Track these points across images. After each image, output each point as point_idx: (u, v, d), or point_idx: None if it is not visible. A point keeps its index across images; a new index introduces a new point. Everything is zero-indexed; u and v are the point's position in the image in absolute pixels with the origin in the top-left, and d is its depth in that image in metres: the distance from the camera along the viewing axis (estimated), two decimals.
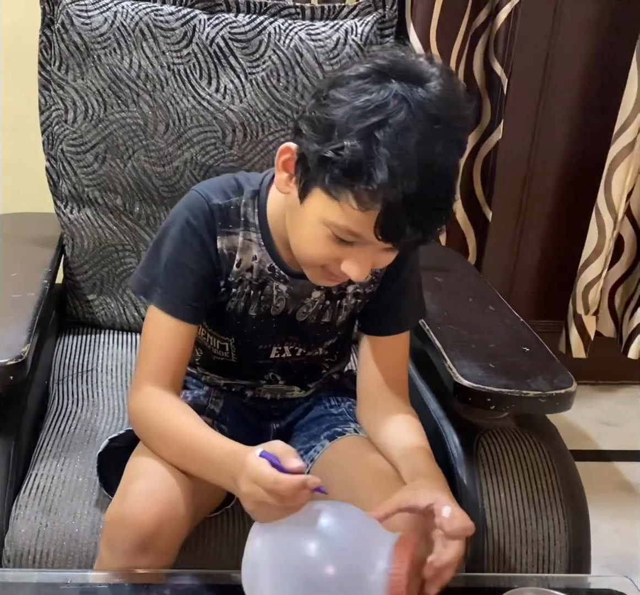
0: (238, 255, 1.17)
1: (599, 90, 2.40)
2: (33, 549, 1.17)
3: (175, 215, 1.16)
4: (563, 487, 1.28)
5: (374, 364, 1.24)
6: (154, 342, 1.16)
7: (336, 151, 0.96)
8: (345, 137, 0.95)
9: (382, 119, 0.94)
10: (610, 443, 2.41)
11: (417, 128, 0.95)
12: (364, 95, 0.96)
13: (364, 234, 1.00)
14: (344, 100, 0.97)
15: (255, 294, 1.20)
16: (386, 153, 0.94)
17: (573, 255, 2.54)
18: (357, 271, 1.04)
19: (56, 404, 1.46)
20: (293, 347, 1.27)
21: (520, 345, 1.41)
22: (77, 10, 1.55)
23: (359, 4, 1.64)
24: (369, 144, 0.94)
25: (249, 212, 1.17)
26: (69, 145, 1.60)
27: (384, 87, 0.96)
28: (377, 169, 0.94)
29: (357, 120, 0.95)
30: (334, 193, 0.98)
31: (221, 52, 1.58)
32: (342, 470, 1.18)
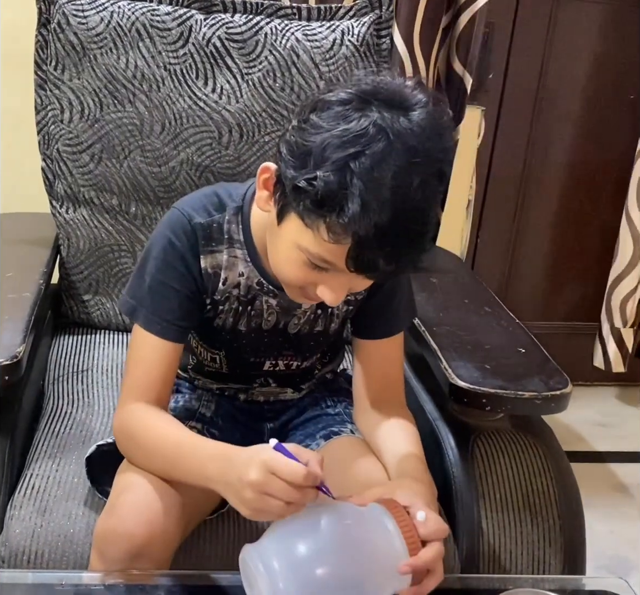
0: (223, 273, 1.16)
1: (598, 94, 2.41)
2: (28, 550, 1.16)
3: (157, 236, 1.15)
4: (558, 489, 1.29)
5: (368, 367, 1.24)
6: (139, 360, 1.15)
7: (309, 181, 0.94)
8: (321, 167, 0.93)
9: (359, 151, 0.92)
10: (605, 444, 2.41)
11: (394, 160, 0.92)
12: (343, 123, 0.94)
13: (337, 264, 0.98)
14: (322, 127, 0.95)
15: (245, 309, 1.20)
16: (360, 185, 0.91)
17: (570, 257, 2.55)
18: (332, 297, 1.03)
19: (51, 404, 1.45)
20: (288, 361, 1.27)
21: (516, 346, 1.41)
22: (73, 10, 1.54)
23: (355, 5, 1.64)
24: (343, 175, 0.92)
25: (233, 228, 1.15)
26: (65, 145, 1.60)
27: (364, 115, 0.94)
28: (349, 202, 0.92)
29: (334, 150, 0.93)
30: (307, 221, 0.97)
31: (217, 53, 1.58)
32: (335, 471, 1.16)
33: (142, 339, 1.14)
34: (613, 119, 2.38)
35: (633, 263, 2.28)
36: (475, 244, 2.48)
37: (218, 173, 1.61)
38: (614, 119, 2.38)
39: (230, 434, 1.25)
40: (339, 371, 1.41)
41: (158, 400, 1.14)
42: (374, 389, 1.23)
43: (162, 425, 1.11)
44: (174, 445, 1.07)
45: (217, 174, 1.61)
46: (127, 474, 1.12)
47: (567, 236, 2.55)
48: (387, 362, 1.24)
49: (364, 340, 1.24)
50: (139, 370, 1.15)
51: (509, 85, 2.34)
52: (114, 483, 1.13)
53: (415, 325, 1.43)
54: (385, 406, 1.22)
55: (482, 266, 2.50)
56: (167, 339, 1.13)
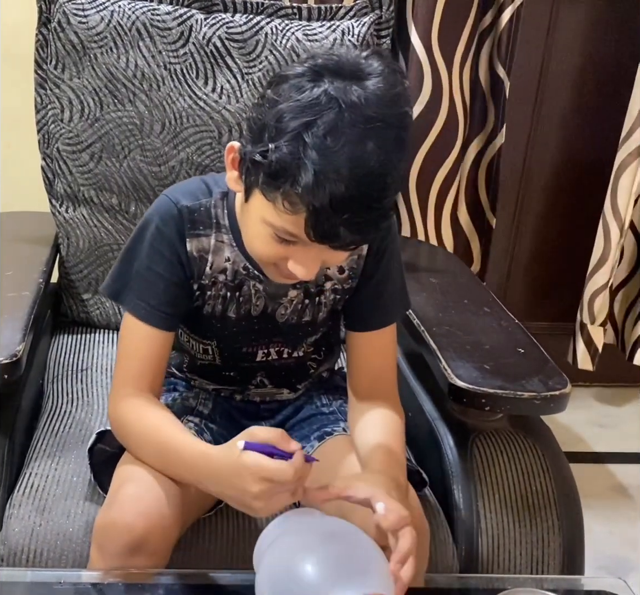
0: (210, 257, 1.17)
1: (598, 94, 2.41)
2: (27, 548, 1.16)
3: (145, 221, 1.16)
4: (557, 489, 1.28)
5: (359, 360, 1.23)
6: (129, 348, 1.16)
7: (263, 154, 0.96)
8: (274, 139, 0.95)
9: (311, 120, 0.93)
10: (604, 445, 2.41)
11: (347, 129, 0.93)
12: (296, 95, 0.95)
13: (300, 235, 0.99)
14: (276, 100, 0.96)
15: (233, 295, 1.20)
16: (313, 155, 0.93)
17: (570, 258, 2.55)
18: (303, 271, 1.04)
19: (51, 403, 1.45)
20: (279, 348, 1.27)
21: (515, 346, 1.41)
22: (73, 9, 1.54)
23: (355, 5, 1.64)
24: (296, 146, 0.93)
25: (219, 213, 1.16)
26: (64, 144, 1.60)
27: (316, 85, 0.95)
28: (302, 172, 0.93)
29: (287, 122, 0.94)
30: (266, 194, 0.99)
31: (218, 52, 1.58)
32: (327, 473, 1.16)
33: (131, 326, 1.15)
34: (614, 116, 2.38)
35: (603, 260, 2.28)
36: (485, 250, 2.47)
37: (218, 172, 1.61)
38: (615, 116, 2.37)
39: (227, 430, 1.25)
40: (336, 369, 1.41)
41: (150, 388, 1.14)
42: (365, 383, 1.22)
43: (155, 416, 1.12)
44: (165, 441, 1.09)
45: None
46: (127, 467, 1.12)
47: (566, 236, 2.55)
48: (379, 355, 1.23)
49: (355, 332, 1.24)
50: (129, 358, 1.15)
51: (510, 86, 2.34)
52: (114, 476, 1.14)
53: (414, 324, 1.43)
54: (374, 400, 1.21)
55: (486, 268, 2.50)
56: (153, 325, 1.14)
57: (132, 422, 1.12)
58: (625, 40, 2.31)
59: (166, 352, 1.17)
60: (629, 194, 2.21)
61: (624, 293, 2.47)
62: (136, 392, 1.13)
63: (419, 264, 1.77)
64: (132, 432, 1.13)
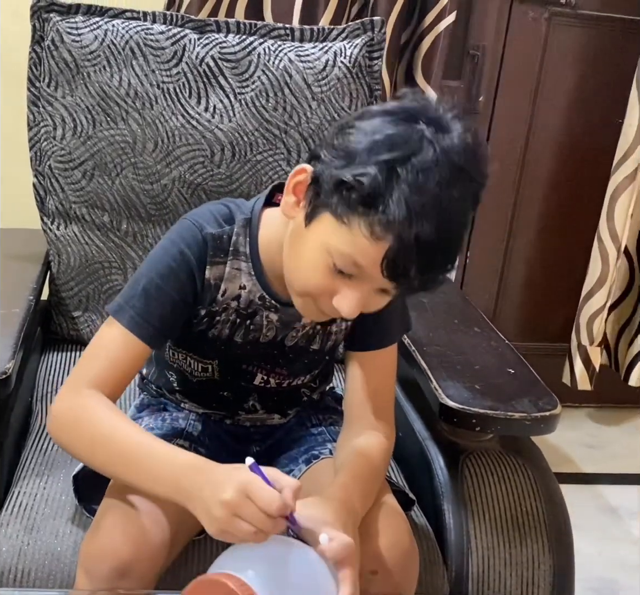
0: (223, 284, 1.15)
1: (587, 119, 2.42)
2: (14, 568, 1.15)
3: (166, 244, 1.13)
4: (547, 510, 1.28)
5: (357, 379, 1.21)
6: (107, 350, 1.11)
7: (356, 177, 0.95)
8: (367, 165, 0.94)
9: (406, 155, 0.94)
10: (593, 466, 2.41)
11: (439, 171, 0.94)
12: (391, 129, 0.96)
13: (368, 267, 0.98)
14: (369, 130, 0.96)
15: (243, 322, 1.18)
16: (405, 189, 0.93)
17: (559, 277, 2.56)
18: (348, 307, 1.01)
19: (39, 421, 1.45)
20: (280, 380, 1.26)
21: (506, 367, 1.41)
22: (67, 28, 1.55)
23: (347, 27, 1.65)
24: (389, 177, 0.93)
25: (240, 241, 1.14)
26: (57, 161, 1.60)
27: (411, 126, 0.96)
28: (394, 201, 0.93)
29: (381, 152, 0.94)
30: (345, 218, 0.96)
31: (211, 72, 1.59)
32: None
33: (115, 330, 1.10)
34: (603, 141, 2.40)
35: (601, 282, 2.30)
36: (465, 264, 2.48)
37: (210, 191, 1.62)
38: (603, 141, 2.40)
39: (217, 454, 1.24)
40: (326, 390, 1.40)
41: (110, 397, 1.09)
42: (360, 402, 1.20)
43: (122, 421, 1.06)
44: (136, 447, 1.03)
45: (209, 192, 1.62)
46: (115, 493, 1.11)
47: (556, 258, 2.56)
48: (377, 375, 1.22)
49: (355, 352, 1.23)
50: (102, 360, 1.10)
51: (499, 108, 2.36)
52: (102, 501, 1.12)
53: (405, 344, 1.43)
54: (366, 419, 1.19)
55: (471, 286, 2.51)
56: (137, 335, 1.10)
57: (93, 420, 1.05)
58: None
59: (138, 367, 1.13)
60: (626, 216, 2.23)
61: (617, 314, 2.48)
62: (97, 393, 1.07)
63: None
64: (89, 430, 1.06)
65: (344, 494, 1.06)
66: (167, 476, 0.99)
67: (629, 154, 2.18)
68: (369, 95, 1.65)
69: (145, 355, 1.13)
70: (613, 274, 2.29)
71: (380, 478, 1.16)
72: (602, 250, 2.27)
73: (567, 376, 2.41)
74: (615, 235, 2.24)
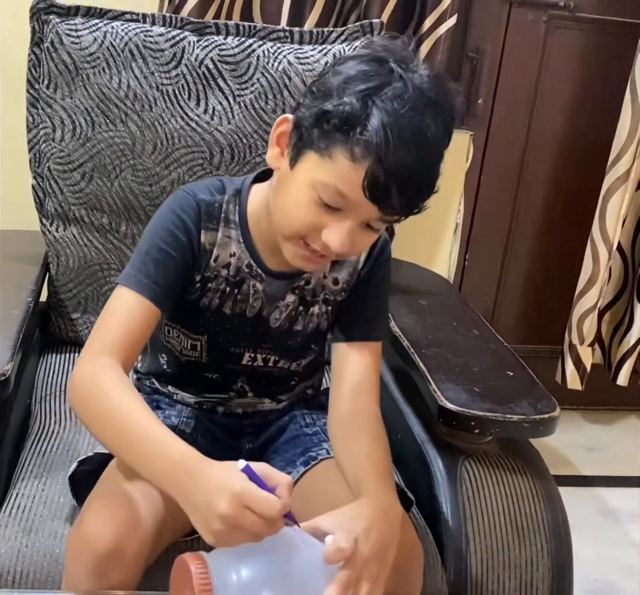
0: (216, 250, 1.19)
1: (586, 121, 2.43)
2: (13, 570, 1.15)
3: (162, 212, 1.18)
4: (546, 512, 1.28)
5: (342, 373, 1.21)
6: (120, 316, 1.12)
7: (335, 105, 1.01)
8: (344, 96, 1.01)
9: (379, 85, 1.00)
10: (592, 468, 2.41)
11: (411, 99, 1.00)
12: (364, 66, 1.03)
13: (351, 194, 1.02)
14: (343, 71, 1.03)
15: (232, 291, 1.21)
16: (382, 113, 0.99)
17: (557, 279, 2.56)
18: (338, 239, 1.05)
19: (38, 423, 1.45)
20: (266, 355, 1.27)
21: (505, 369, 1.41)
22: (66, 30, 1.55)
23: (347, 29, 1.65)
24: (365, 103, 1.00)
25: (230, 209, 1.19)
26: (56, 163, 1.60)
27: (381, 64, 1.03)
28: (372, 124, 0.99)
29: (355, 83, 1.01)
30: (326, 150, 1.02)
31: (210, 74, 1.59)
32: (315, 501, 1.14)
33: (124, 296, 1.12)
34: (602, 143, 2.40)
35: (592, 281, 2.31)
36: (463, 267, 2.49)
37: None
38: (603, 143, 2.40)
39: (209, 451, 1.24)
40: (321, 389, 1.40)
41: (126, 362, 1.10)
42: (347, 398, 1.19)
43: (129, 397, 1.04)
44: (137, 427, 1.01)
45: None
46: (100, 484, 1.12)
47: (555, 259, 2.56)
48: (363, 370, 1.21)
49: (340, 343, 1.23)
50: (117, 324, 1.11)
51: (498, 110, 2.36)
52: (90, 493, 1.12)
53: (404, 346, 1.43)
54: (356, 418, 1.18)
55: (470, 289, 2.51)
56: (145, 296, 1.12)
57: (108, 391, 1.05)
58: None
59: (149, 329, 1.14)
60: (617, 217, 2.24)
61: (612, 314, 2.49)
62: (115, 361, 1.07)
63: (408, 285, 1.77)
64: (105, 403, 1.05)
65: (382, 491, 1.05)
66: (161, 467, 0.98)
67: (622, 155, 2.19)
68: None
69: (154, 317, 1.14)
70: (604, 274, 2.30)
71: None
72: (594, 250, 2.28)
73: (559, 375, 2.42)
74: (606, 235, 2.25)
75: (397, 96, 1.00)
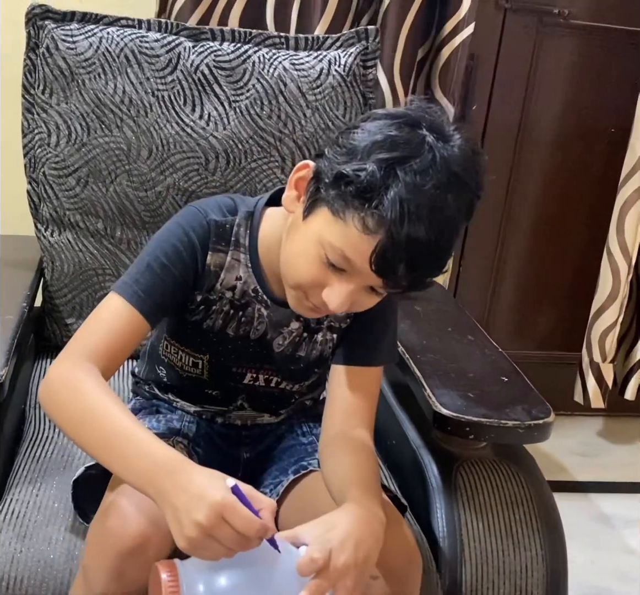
0: (223, 273, 1.17)
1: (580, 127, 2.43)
2: (7, 576, 1.15)
3: (171, 227, 1.16)
4: (541, 518, 1.28)
5: (339, 395, 1.20)
6: (107, 323, 1.10)
7: (355, 171, 0.98)
8: (367, 161, 0.97)
9: (406, 156, 0.97)
10: (586, 474, 2.41)
11: (436, 175, 0.97)
12: (394, 131, 0.99)
13: (357, 262, 1.00)
14: (372, 131, 1.00)
15: (236, 313, 1.20)
16: (402, 188, 0.96)
17: (550, 286, 2.57)
18: (337, 301, 1.03)
19: (32, 428, 1.44)
20: (268, 376, 1.26)
21: (499, 375, 1.41)
22: (62, 35, 1.55)
23: (342, 36, 1.66)
24: (387, 174, 0.96)
25: (241, 232, 1.17)
26: (51, 168, 1.60)
27: (413, 130, 0.99)
28: (389, 198, 0.96)
29: (381, 150, 0.97)
30: (340, 213, 0.99)
31: (205, 80, 1.59)
32: (299, 511, 1.14)
33: (119, 307, 1.10)
34: (595, 151, 2.41)
35: (612, 297, 2.29)
36: (458, 273, 2.49)
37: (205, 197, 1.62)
38: (595, 151, 2.41)
39: (211, 456, 1.24)
40: (320, 399, 1.40)
41: (105, 371, 1.07)
42: (338, 421, 1.18)
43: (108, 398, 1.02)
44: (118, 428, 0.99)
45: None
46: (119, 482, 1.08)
47: (548, 267, 2.57)
48: (360, 394, 1.20)
49: (339, 366, 1.22)
50: (103, 332, 1.09)
51: (492, 117, 2.37)
52: (108, 488, 1.10)
53: (399, 352, 1.43)
54: (345, 441, 1.16)
55: (465, 295, 2.51)
56: (145, 316, 1.10)
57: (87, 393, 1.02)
58: None
59: (134, 342, 1.12)
60: (636, 230, 2.23)
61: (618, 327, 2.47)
62: (94, 367, 1.05)
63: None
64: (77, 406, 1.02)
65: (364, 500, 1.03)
66: (142, 467, 0.95)
67: (638, 168, 2.18)
68: (363, 103, 1.65)
69: (143, 331, 1.12)
70: (624, 289, 2.28)
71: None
72: (613, 265, 2.26)
73: (580, 394, 2.38)
74: (625, 249, 2.24)
75: (423, 171, 0.97)
